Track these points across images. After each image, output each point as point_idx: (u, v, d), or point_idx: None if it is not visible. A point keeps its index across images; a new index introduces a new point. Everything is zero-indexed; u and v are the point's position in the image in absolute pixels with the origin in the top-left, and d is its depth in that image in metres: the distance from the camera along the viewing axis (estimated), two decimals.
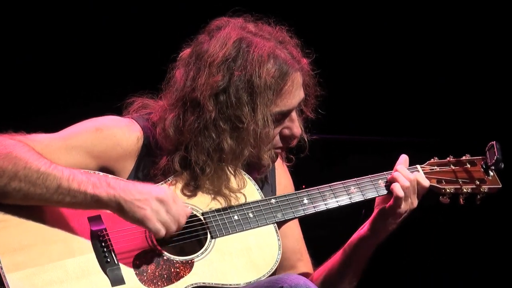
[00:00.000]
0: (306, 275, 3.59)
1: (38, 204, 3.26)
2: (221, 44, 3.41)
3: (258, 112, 3.38)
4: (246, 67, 3.38)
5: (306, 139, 3.59)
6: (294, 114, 3.51)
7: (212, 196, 3.46)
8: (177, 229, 3.30)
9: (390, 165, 3.62)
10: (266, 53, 3.39)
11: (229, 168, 3.46)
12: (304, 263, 3.73)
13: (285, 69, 3.42)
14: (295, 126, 3.51)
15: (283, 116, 3.48)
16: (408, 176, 3.53)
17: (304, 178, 3.81)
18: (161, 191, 3.28)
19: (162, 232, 3.26)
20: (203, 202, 3.45)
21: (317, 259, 3.73)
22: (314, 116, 3.61)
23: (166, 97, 3.51)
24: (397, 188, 3.50)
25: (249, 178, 3.52)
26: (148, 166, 3.47)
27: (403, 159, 3.62)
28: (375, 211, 3.58)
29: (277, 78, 3.40)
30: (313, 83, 3.56)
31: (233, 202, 3.46)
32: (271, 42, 3.44)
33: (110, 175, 3.36)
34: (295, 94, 3.46)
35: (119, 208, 3.24)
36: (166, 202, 3.26)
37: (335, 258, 3.64)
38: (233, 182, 3.48)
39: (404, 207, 3.50)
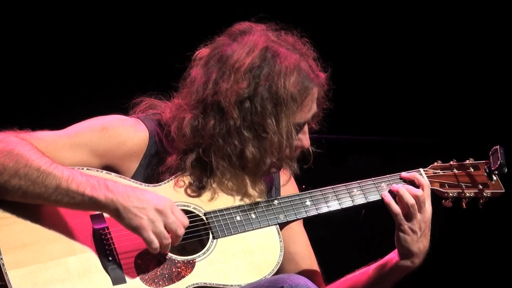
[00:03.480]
0: (317, 285, 3.57)
1: (37, 203, 3.25)
2: (248, 50, 3.41)
3: (282, 124, 3.39)
4: (273, 77, 3.38)
5: (311, 151, 3.58)
6: (306, 127, 3.52)
7: (217, 196, 3.45)
8: (177, 238, 3.28)
9: (391, 166, 3.60)
10: (292, 65, 3.40)
11: (242, 172, 3.45)
12: (315, 271, 3.71)
13: (307, 84, 3.43)
14: (305, 139, 3.52)
15: (299, 128, 3.49)
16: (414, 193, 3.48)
17: (304, 178, 3.79)
18: (159, 201, 3.26)
19: (155, 243, 3.23)
20: (207, 202, 3.44)
21: (317, 259, 3.72)
22: (318, 128, 3.61)
23: (183, 95, 3.49)
24: (391, 205, 3.48)
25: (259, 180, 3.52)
26: (154, 165, 3.46)
27: None
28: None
29: (300, 91, 3.41)
30: (323, 96, 3.56)
31: (238, 203, 3.46)
32: (296, 55, 3.45)
33: (110, 177, 3.35)
34: (311, 107, 3.48)
35: (116, 213, 3.23)
36: (164, 213, 3.24)
37: (361, 278, 3.61)
38: (239, 183, 3.46)
39: (412, 222, 3.47)
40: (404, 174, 3.60)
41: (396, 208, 3.49)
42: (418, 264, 3.53)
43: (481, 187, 3.63)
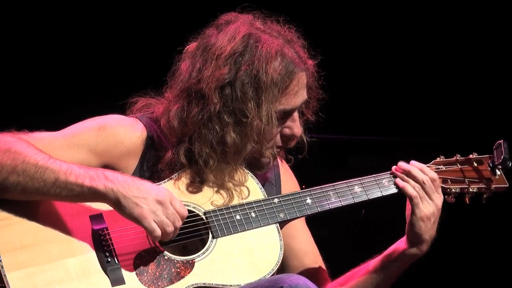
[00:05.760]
0: (323, 280, 3.59)
1: (37, 198, 3.26)
2: (229, 38, 3.43)
3: (263, 108, 3.39)
4: (254, 62, 3.39)
5: (305, 141, 3.59)
6: (296, 115, 3.51)
7: (216, 193, 3.44)
8: (174, 230, 3.27)
9: (391, 166, 3.59)
10: (274, 50, 3.41)
11: (232, 165, 3.45)
12: (319, 267, 3.69)
13: (291, 68, 3.43)
14: (296, 127, 3.52)
15: (285, 115, 3.48)
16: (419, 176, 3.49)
17: (304, 178, 3.79)
18: (159, 192, 3.26)
19: (158, 232, 3.22)
20: (207, 200, 3.43)
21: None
22: (315, 118, 3.61)
23: (171, 88, 3.51)
24: (407, 188, 3.47)
25: (251, 175, 3.51)
26: (153, 163, 3.47)
27: None
28: (407, 223, 3.51)
29: (283, 76, 3.41)
30: (316, 86, 3.57)
31: (237, 200, 3.45)
32: (279, 40, 3.46)
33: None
34: (299, 94, 3.47)
35: (117, 202, 3.22)
36: (164, 203, 3.24)
37: (365, 270, 3.58)
38: (236, 179, 3.46)
39: (427, 207, 3.45)
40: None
41: (412, 191, 3.47)
42: (424, 252, 3.49)
43: (485, 181, 3.61)
